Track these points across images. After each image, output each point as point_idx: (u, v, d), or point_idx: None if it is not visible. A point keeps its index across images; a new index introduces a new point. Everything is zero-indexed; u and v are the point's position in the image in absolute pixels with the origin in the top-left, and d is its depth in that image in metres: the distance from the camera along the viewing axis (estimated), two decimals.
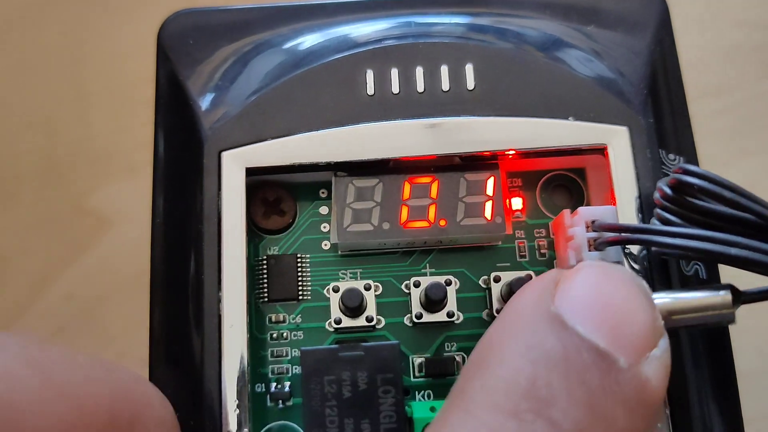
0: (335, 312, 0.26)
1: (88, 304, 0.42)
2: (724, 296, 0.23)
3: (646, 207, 0.26)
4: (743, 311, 0.24)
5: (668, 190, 0.24)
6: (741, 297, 0.23)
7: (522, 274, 0.27)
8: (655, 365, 0.20)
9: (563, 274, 0.21)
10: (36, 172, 0.44)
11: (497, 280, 0.27)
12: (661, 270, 0.26)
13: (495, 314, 0.27)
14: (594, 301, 0.20)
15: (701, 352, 0.25)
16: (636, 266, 0.26)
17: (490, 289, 0.27)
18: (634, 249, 0.26)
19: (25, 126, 0.45)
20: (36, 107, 0.45)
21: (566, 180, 0.29)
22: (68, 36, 0.47)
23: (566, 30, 0.28)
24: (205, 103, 0.28)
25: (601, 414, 0.19)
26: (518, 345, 0.20)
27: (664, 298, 0.23)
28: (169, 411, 0.24)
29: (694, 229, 0.23)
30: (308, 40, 0.29)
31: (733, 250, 0.22)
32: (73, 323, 0.42)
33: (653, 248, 0.25)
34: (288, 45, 0.29)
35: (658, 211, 0.24)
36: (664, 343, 0.21)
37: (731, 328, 0.24)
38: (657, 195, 0.24)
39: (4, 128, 0.45)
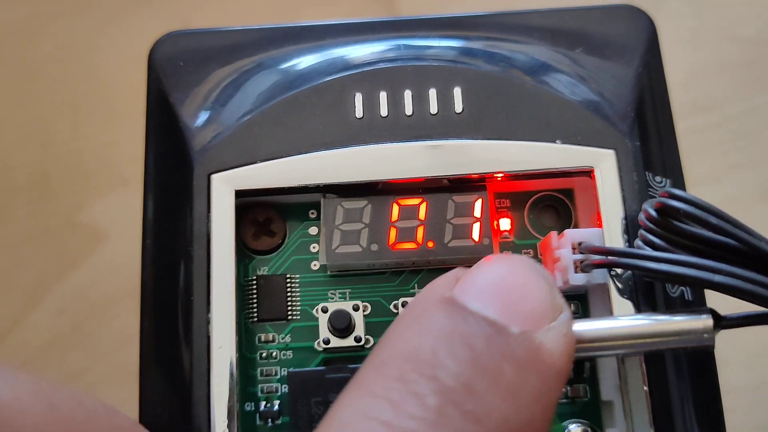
0: (324, 332, 0.27)
1: (81, 318, 0.43)
2: (705, 321, 0.23)
3: (632, 229, 0.26)
4: None
5: (654, 213, 0.24)
6: (722, 322, 0.23)
7: None
8: (552, 334, 0.20)
9: (465, 270, 0.22)
10: (29, 186, 0.44)
11: None
12: (646, 291, 0.26)
13: None
14: (488, 284, 0.21)
15: (686, 370, 0.25)
16: (621, 287, 0.26)
17: None
18: (620, 270, 0.26)
19: (18, 140, 0.45)
20: (29, 122, 0.46)
21: (554, 201, 0.29)
22: (61, 51, 0.47)
23: (554, 54, 0.29)
24: (195, 125, 0.28)
25: (485, 368, 0.19)
26: (410, 327, 0.20)
27: (644, 321, 0.23)
28: None
29: (679, 255, 0.23)
30: (298, 63, 0.29)
31: (717, 277, 0.22)
32: (66, 337, 0.42)
33: (638, 272, 0.25)
34: (278, 67, 0.29)
35: (643, 233, 0.24)
36: (564, 316, 0.21)
37: (718, 342, 0.24)
38: (642, 217, 0.24)
39: None
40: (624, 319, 0.24)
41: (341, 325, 0.26)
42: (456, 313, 0.20)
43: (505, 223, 0.29)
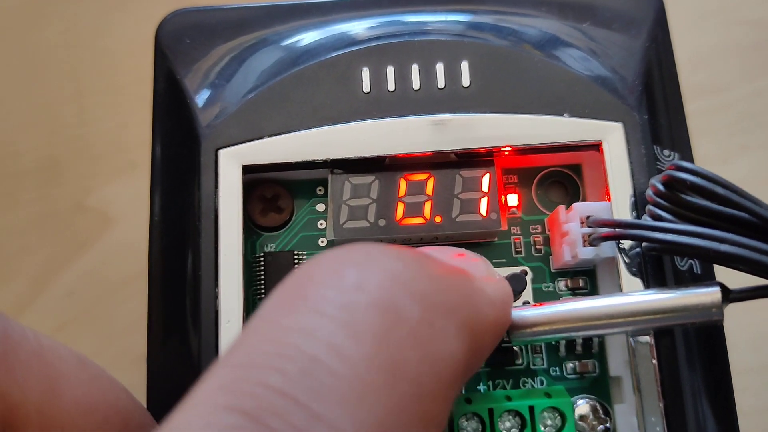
0: None
1: (89, 302, 0.42)
2: (713, 294, 0.23)
3: (640, 203, 0.26)
4: (738, 307, 0.24)
5: (661, 187, 0.24)
6: (730, 295, 0.23)
7: (517, 269, 0.27)
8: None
9: None
10: (36, 171, 0.44)
11: None
12: (655, 265, 0.26)
13: None
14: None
15: (696, 349, 0.25)
16: (629, 261, 0.26)
17: None
18: (628, 244, 0.26)
19: (26, 125, 0.45)
20: (36, 106, 0.45)
21: (562, 176, 0.29)
22: (67, 34, 0.47)
23: (562, 27, 0.29)
24: (202, 101, 0.28)
25: None
26: None
27: (651, 297, 0.23)
28: None
29: (685, 225, 0.23)
30: (304, 38, 0.29)
31: (723, 247, 0.22)
32: (74, 321, 0.42)
33: (645, 244, 0.25)
34: (284, 43, 0.29)
35: (651, 207, 0.24)
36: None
37: (726, 324, 0.24)
38: (650, 192, 0.24)
39: (4, 127, 0.45)
40: (632, 296, 0.23)
41: None
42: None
43: (512, 199, 0.29)
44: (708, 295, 0.22)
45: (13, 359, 0.19)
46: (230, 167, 0.27)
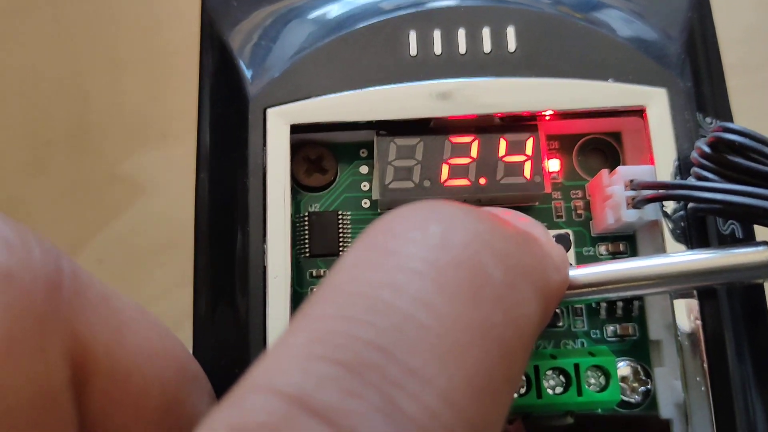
0: None
1: (119, 269, 0.43)
2: (764, 252, 0.23)
3: (684, 168, 0.26)
4: None
5: (707, 149, 0.24)
6: None
7: (560, 232, 0.27)
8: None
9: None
10: (69, 139, 0.45)
11: None
12: (698, 228, 0.26)
13: None
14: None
15: (739, 310, 0.26)
16: (672, 225, 0.26)
17: None
18: (671, 209, 0.26)
19: (59, 92, 0.46)
20: (70, 74, 0.46)
21: (602, 144, 0.29)
22: (103, 4, 0.47)
23: None
24: (249, 62, 0.28)
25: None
26: None
27: (700, 255, 0.23)
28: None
29: (731, 184, 0.23)
30: (351, 2, 0.29)
31: None
32: None
33: (690, 205, 0.25)
34: (331, 6, 0.29)
35: (696, 169, 0.25)
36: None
37: None
38: (695, 154, 0.25)
39: (38, 94, 0.46)
40: (678, 255, 0.24)
41: None
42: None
43: (554, 164, 0.29)
44: (758, 252, 0.23)
45: (84, 300, 0.19)
46: (278, 126, 0.27)
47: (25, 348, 0.18)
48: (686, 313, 0.25)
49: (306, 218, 0.28)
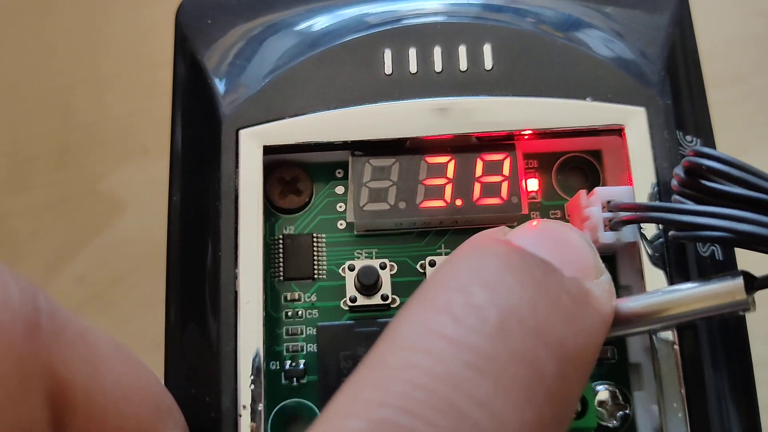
0: (351, 290, 0.26)
1: (101, 287, 0.43)
2: (737, 283, 0.22)
3: (663, 188, 0.26)
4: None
5: (683, 175, 0.24)
6: (755, 283, 0.22)
7: None
8: (599, 287, 0.20)
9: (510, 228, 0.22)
10: (50, 155, 0.44)
11: None
12: (677, 251, 0.25)
13: None
14: (540, 235, 0.21)
15: (718, 337, 0.25)
16: (650, 249, 0.26)
17: None
18: (651, 234, 0.26)
19: (41, 108, 0.45)
20: (51, 90, 0.45)
21: (582, 162, 0.29)
22: (85, 18, 0.47)
23: (584, 10, 0.28)
24: (223, 81, 0.28)
25: (546, 292, 0.19)
26: (469, 254, 0.20)
27: (675, 292, 0.23)
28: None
29: (705, 206, 0.23)
30: (326, 20, 0.29)
31: (743, 226, 0.21)
32: (86, 305, 0.42)
33: (671, 233, 0.25)
34: (306, 24, 0.29)
35: (676, 197, 0.24)
36: (607, 277, 0.21)
37: None
38: (674, 182, 0.24)
39: (20, 110, 0.45)
40: (651, 296, 0.23)
41: (369, 281, 0.26)
42: (513, 249, 0.20)
43: (533, 184, 0.28)
44: (732, 284, 0.22)
45: (62, 339, 0.19)
46: (251, 147, 0.26)
47: (8, 392, 0.17)
48: (664, 337, 0.25)
49: (281, 241, 0.27)
